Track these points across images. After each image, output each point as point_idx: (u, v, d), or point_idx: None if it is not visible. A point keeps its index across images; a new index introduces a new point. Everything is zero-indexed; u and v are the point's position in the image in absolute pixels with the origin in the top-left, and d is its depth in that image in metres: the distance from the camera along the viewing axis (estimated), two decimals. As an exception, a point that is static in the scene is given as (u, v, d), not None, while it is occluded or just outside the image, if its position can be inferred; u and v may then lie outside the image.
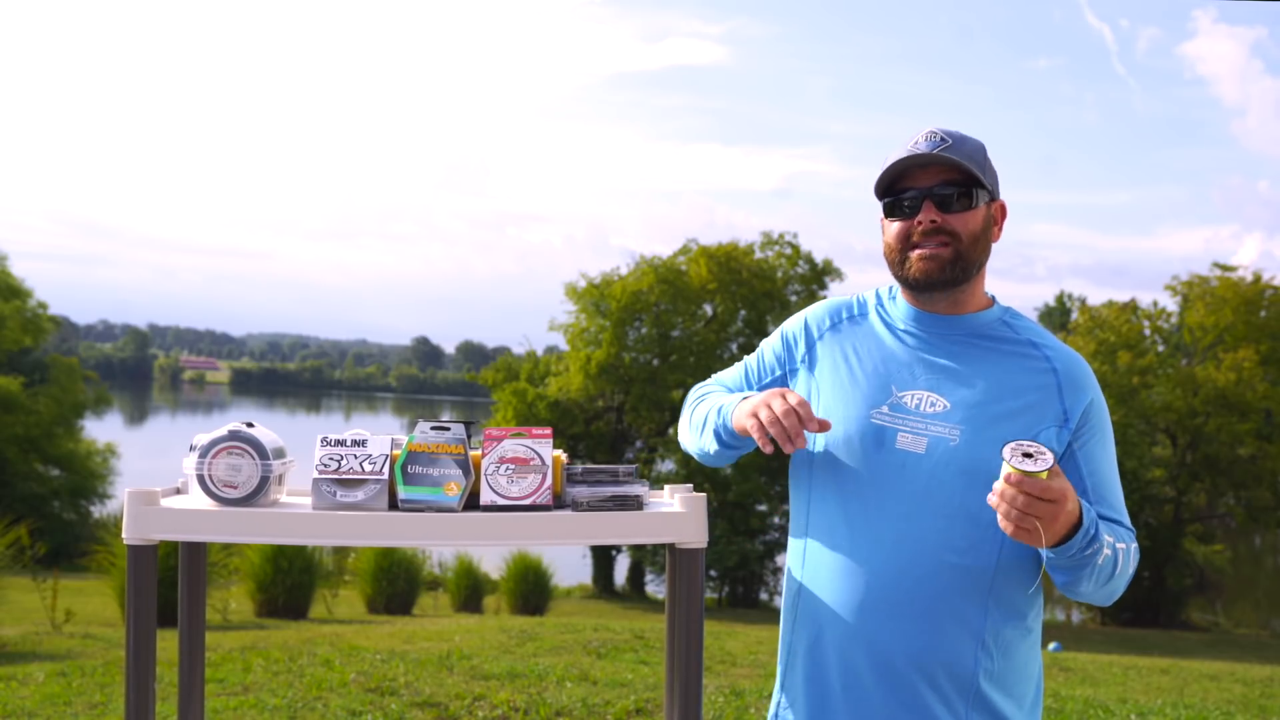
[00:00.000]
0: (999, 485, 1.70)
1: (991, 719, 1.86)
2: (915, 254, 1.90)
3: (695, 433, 2.07)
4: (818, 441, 1.96)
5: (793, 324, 2.08)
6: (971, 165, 1.88)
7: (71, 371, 30.96)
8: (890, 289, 2.05)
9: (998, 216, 1.97)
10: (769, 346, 2.10)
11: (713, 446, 2.02)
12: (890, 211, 1.94)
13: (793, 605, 2.00)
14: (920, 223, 1.89)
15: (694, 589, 1.85)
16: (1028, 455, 1.69)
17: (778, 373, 2.06)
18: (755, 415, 1.85)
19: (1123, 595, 2.05)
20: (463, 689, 5.87)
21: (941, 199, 1.89)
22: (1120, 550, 1.82)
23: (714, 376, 2.18)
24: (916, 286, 1.93)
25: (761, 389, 2.07)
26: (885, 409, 1.90)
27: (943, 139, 1.89)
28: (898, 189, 1.92)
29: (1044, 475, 1.67)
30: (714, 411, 2.01)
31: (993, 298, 2.02)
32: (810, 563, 1.96)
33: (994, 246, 1.97)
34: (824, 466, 1.94)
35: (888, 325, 1.99)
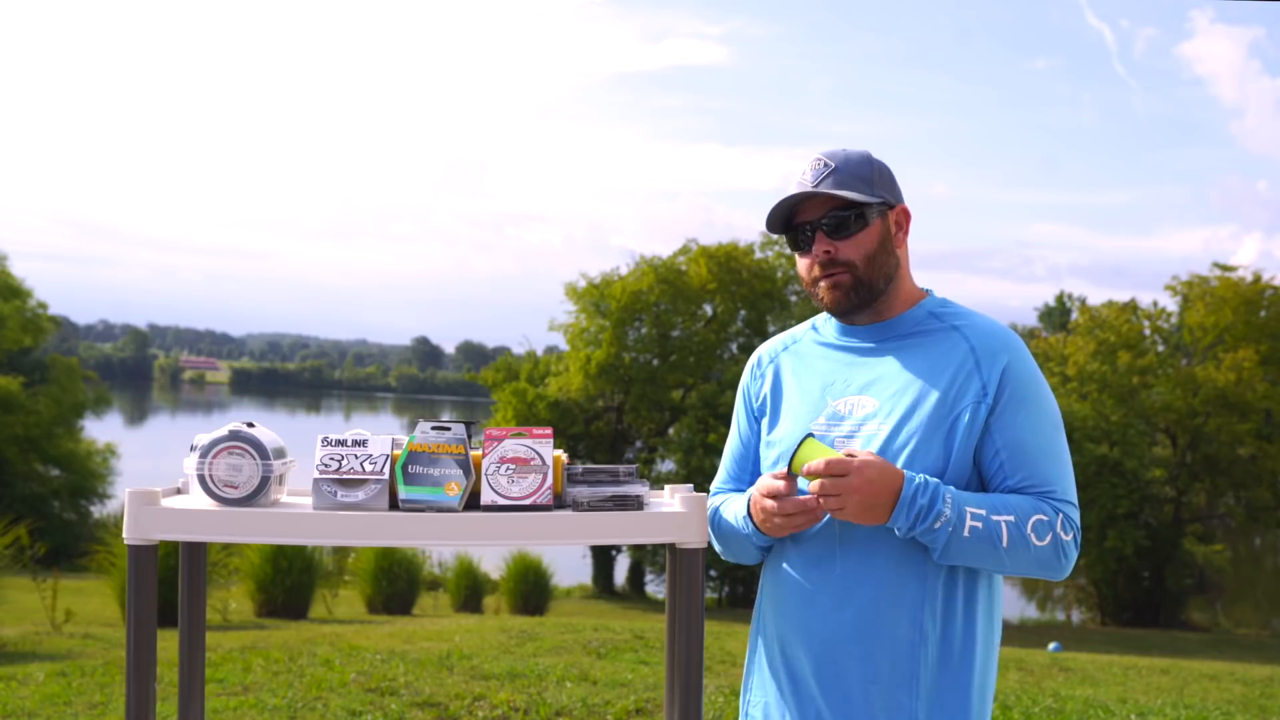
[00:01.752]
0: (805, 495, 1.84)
1: (935, 708, 1.88)
2: (821, 286, 1.99)
3: (735, 553, 2.09)
4: (767, 461, 2.05)
5: (744, 378, 2.18)
6: (853, 189, 1.94)
7: (71, 371, 30.93)
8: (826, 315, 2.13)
9: (901, 221, 2.03)
10: (738, 411, 2.19)
11: (760, 555, 2.07)
12: (792, 247, 2.03)
13: (757, 607, 2.09)
14: (816, 255, 1.97)
15: (694, 589, 1.85)
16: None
17: (757, 428, 2.13)
18: (765, 528, 1.95)
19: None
20: (463, 689, 5.87)
21: (830, 228, 1.95)
22: (1005, 522, 1.81)
23: (722, 461, 2.22)
24: (832, 315, 2.05)
25: (755, 450, 2.13)
26: (822, 419, 1.99)
27: (826, 164, 1.96)
28: (794, 224, 2.00)
29: (799, 464, 1.82)
30: (740, 531, 2.03)
31: (927, 291, 2.06)
32: (769, 566, 2.05)
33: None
34: None
35: (822, 345, 2.08)
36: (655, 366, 25.78)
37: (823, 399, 2.00)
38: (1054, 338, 27.43)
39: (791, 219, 2.00)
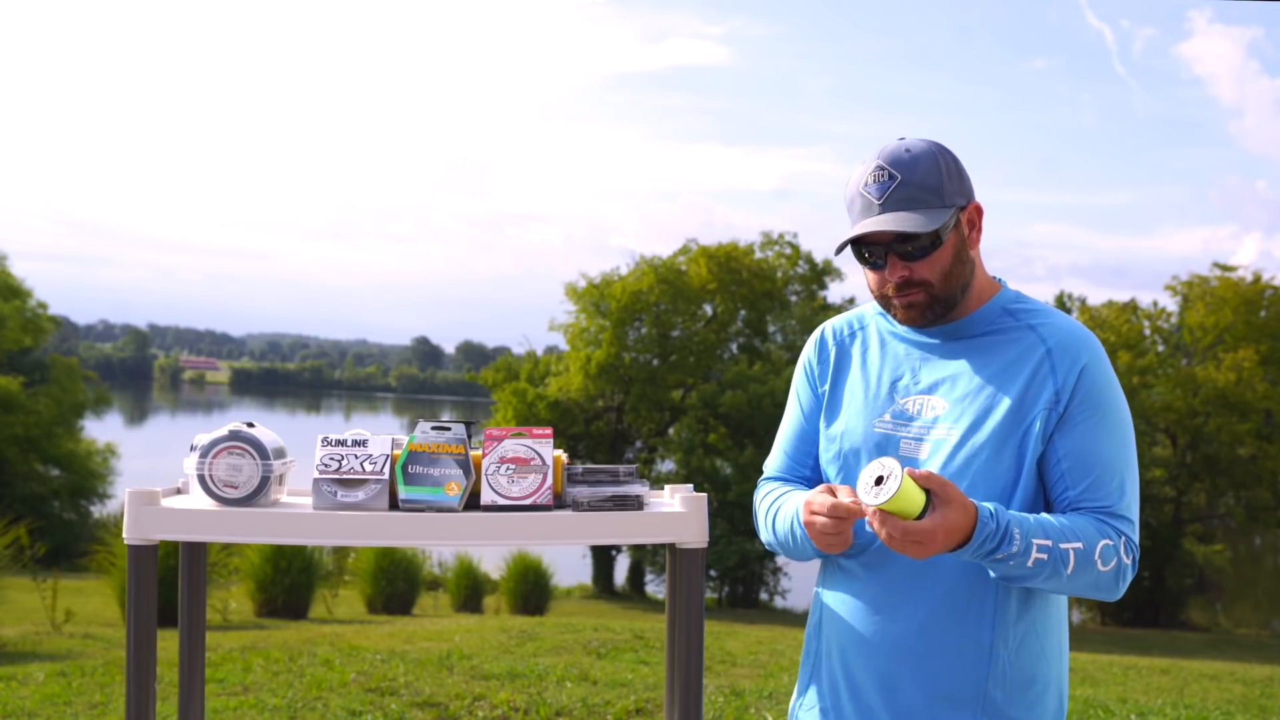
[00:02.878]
0: (869, 511, 1.68)
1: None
2: (897, 303, 1.88)
3: (787, 552, 1.98)
4: (827, 455, 1.96)
5: (807, 352, 2.06)
6: (924, 204, 1.80)
7: (71, 371, 30.94)
8: None
9: (975, 219, 1.88)
10: (799, 385, 2.07)
11: (817, 558, 1.96)
12: (860, 261, 1.90)
13: (816, 611, 2.01)
14: (890, 277, 1.86)
15: (694, 589, 1.85)
16: (879, 480, 1.65)
17: (820, 403, 2.02)
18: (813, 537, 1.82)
19: (1123, 595, 1.97)
20: (463, 689, 5.87)
21: (903, 252, 1.83)
22: (1073, 550, 1.71)
23: (777, 441, 2.09)
24: (908, 327, 1.94)
25: (818, 425, 2.01)
26: (888, 417, 1.90)
27: (891, 175, 1.80)
28: (860, 240, 1.86)
29: (890, 506, 1.63)
30: (797, 536, 1.91)
31: (999, 282, 1.95)
32: (826, 570, 1.98)
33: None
34: (838, 479, 1.94)
35: (890, 336, 1.98)
36: (655, 366, 25.79)
37: (889, 396, 1.91)
38: (1054, 338, 27.41)
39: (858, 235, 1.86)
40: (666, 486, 1.98)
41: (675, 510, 1.85)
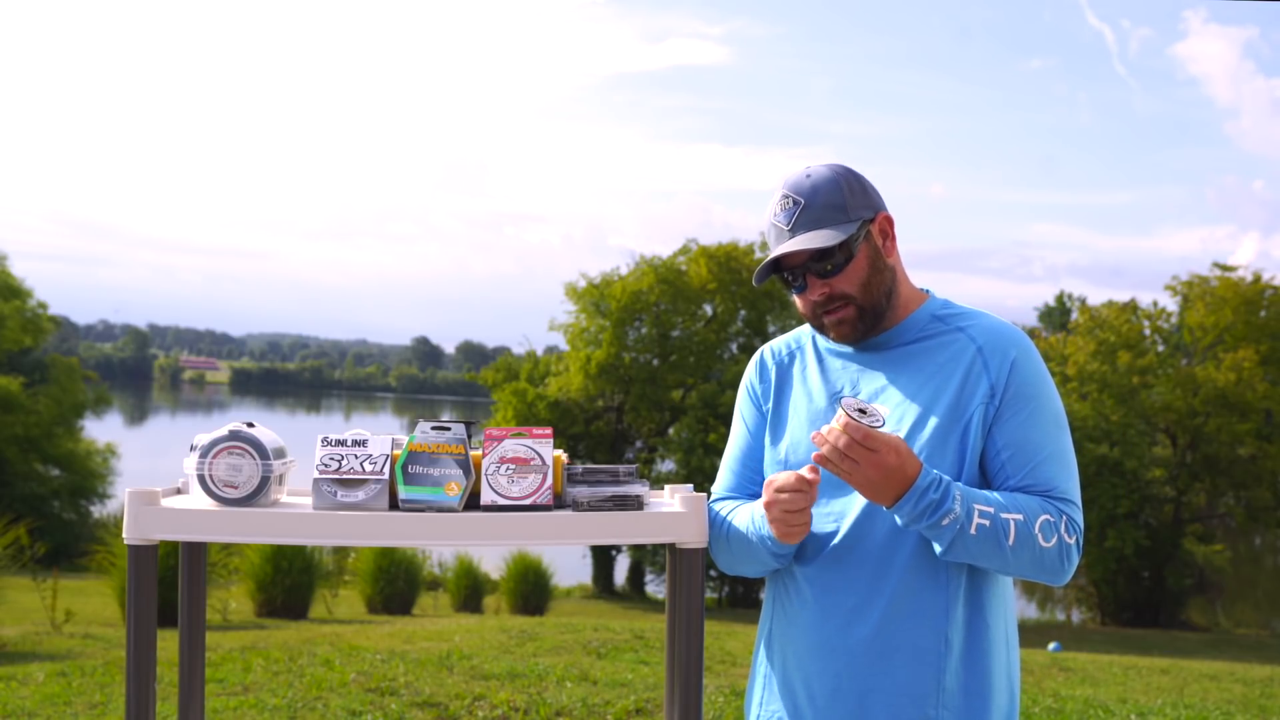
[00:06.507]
0: (826, 426, 1.76)
1: (961, 714, 1.86)
2: (827, 321, 1.97)
3: (744, 563, 1.98)
4: (774, 470, 1.99)
5: (749, 375, 2.13)
6: (829, 222, 1.90)
7: (71, 371, 30.93)
8: None
9: (886, 229, 1.97)
10: (743, 407, 2.12)
11: (774, 564, 1.97)
12: (785, 288, 2.00)
13: (764, 616, 2.06)
14: (812, 296, 1.94)
15: (694, 589, 1.85)
16: (861, 411, 1.75)
17: (764, 423, 2.07)
18: (774, 525, 1.85)
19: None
20: (463, 689, 5.87)
21: (819, 271, 1.92)
22: (1013, 521, 1.78)
23: (724, 463, 2.14)
24: (843, 344, 2.01)
25: (763, 445, 2.06)
26: None
27: (795, 201, 1.92)
28: (781, 267, 1.96)
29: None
30: (754, 538, 1.93)
31: (926, 292, 2.03)
32: (778, 576, 2.01)
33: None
34: None
35: (827, 353, 2.05)
36: (655, 366, 25.78)
37: (830, 407, 1.97)
38: (1054, 338, 27.43)
39: (777, 263, 1.96)
40: (666, 486, 1.98)
41: (675, 510, 1.85)
